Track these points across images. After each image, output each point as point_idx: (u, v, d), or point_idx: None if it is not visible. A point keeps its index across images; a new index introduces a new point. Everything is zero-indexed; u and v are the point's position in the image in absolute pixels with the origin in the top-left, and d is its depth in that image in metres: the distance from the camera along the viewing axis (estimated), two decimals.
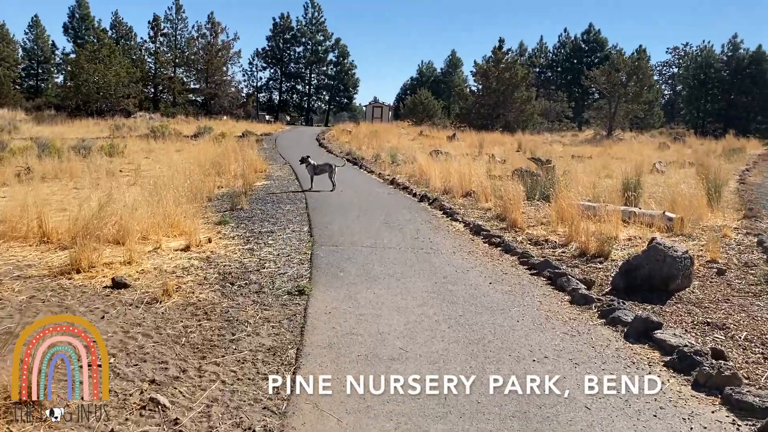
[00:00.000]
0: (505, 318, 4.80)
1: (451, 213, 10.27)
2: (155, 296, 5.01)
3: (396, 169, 18.16)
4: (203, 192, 12.22)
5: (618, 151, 29.50)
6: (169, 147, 24.52)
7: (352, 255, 6.89)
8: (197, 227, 8.09)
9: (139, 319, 4.56)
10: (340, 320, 4.57)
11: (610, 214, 9.34)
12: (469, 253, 7.27)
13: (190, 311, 4.78)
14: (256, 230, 8.51)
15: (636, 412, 3.33)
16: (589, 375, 3.72)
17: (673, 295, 5.81)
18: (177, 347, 4.01)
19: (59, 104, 48.03)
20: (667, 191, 13.24)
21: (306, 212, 10.09)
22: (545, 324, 4.70)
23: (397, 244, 7.65)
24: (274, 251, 7.11)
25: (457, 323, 4.61)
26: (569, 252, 7.80)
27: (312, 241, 7.63)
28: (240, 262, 6.56)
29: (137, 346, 4.05)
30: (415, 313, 4.82)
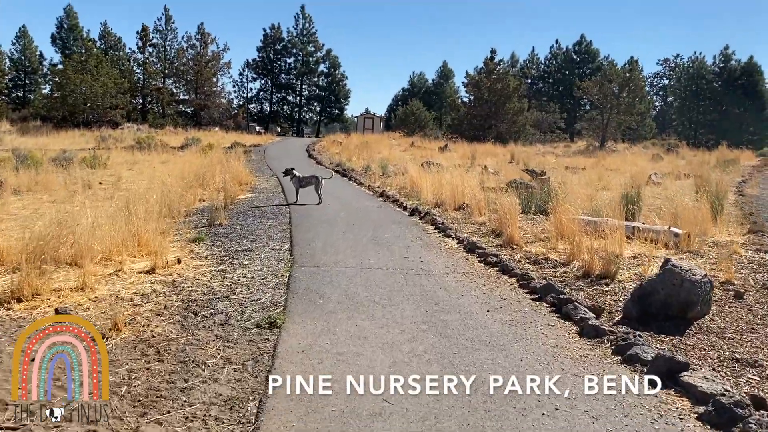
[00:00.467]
0: (507, 356, 4.15)
1: (444, 228, 9.64)
2: (102, 331, 4.33)
3: (386, 180, 17.56)
4: (181, 206, 11.57)
5: (612, 162, 29.08)
6: (155, 158, 23.88)
7: (335, 277, 6.23)
8: (167, 246, 7.43)
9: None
10: (315, 362, 3.91)
11: (613, 229, 8.76)
12: (464, 275, 6.63)
13: (140, 350, 4.09)
14: (232, 248, 7.84)
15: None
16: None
17: (691, 323, 5.19)
18: (114, 400, 3.33)
19: (45, 115, 47.20)
20: (667, 204, 12.72)
21: (288, 228, 9.42)
22: (553, 364, 4.06)
23: (385, 264, 7.00)
24: (249, 273, 6.44)
25: (451, 364, 3.95)
26: (571, 272, 7.18)
27: (291, 261, 6.96)
28: (209, 286, 5.88)
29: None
30: (403, 351, 4.17)
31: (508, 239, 8.79)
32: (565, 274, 7.14)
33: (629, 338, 4.42)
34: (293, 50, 64.68)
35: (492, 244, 8.79)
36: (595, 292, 6.27)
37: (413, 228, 9.87)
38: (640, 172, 21.62)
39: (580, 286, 6.49)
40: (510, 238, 8.79)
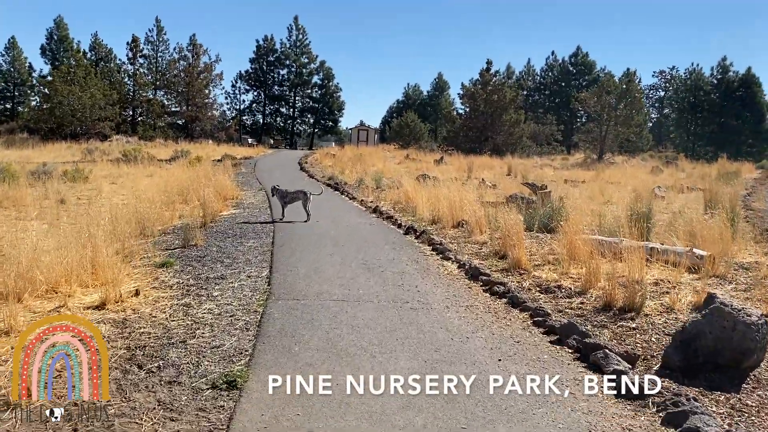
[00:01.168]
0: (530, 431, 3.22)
1: (442, 250, 8.72)
2: (7, 399, 3.37)
3: (380, 195, 16.67)
4: (156, 224, 10.63)
5: (611, 175, 28.31)
6: (141, 171, 22.96)
7: (316, 314, 5.28)
8: (126, 274, 6.48)
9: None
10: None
11: (629, 251, 7.89)
12: (468, 309, 5.70)
13: (52, 428, 3.14)
14: (203, 275, 6.89)
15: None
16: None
17: (747, 374, 4.28)
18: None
19: (33, 127, 46.17)
20: (675, 219, 11.90)
21: (270, 250, 8.48)
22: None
23: (376, 294, 6.06)
24: (217, 308, 5.49)
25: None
26: (589, 303, 6.27)
27: (268, 293, 6.01)
28: (165, 326, 4.92)
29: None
30: (396, 425, 3.22)
31: (514, 262, 7.87)
32: (582, 305, 6.22)
33: (682, 402, 3.49)
34: (286, 62, 63.99)
35: (496, 268, 7.88)
36: (621, 330, 5.35)
37: (409, 249, 8.95)
38: (641, 186, 20.86)
39: (602, 322, 5.57)
40: (516, 261, 7.87)
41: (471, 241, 9.86)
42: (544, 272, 7.62)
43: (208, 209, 11.71)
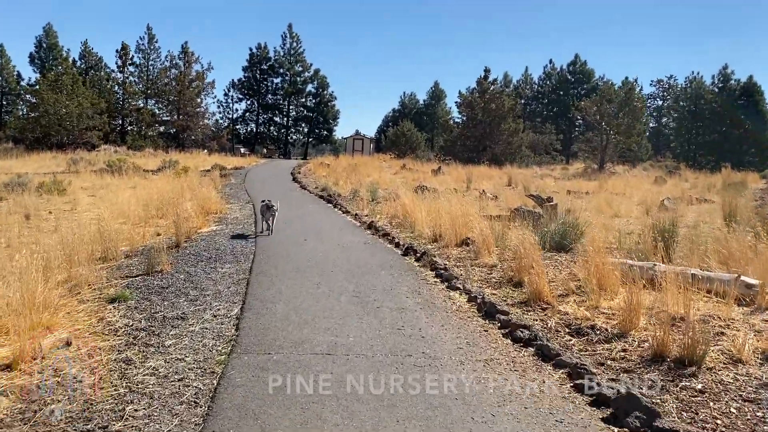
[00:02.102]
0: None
1: (448, 277, 7.50)
2: None
3: (376, 208, 15.47)
4: (123, 244, 9.40)
5: (615, 185, 27.19)
6: (124, 183, 21.77)
7: (292, 379, 4.04)
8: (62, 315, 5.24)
9: None
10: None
11: (665, 278, 6.72)
12: (487, 365, 4.47)
13: None
14: (160, 314, 5.66)
15: None
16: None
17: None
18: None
19: (18, 137, 44.87)
20: (699, 236, 10.76)
21: (247, 278, 7.25)
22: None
23: (370, 344, 4.83)
24: (164, 367, 4.25)
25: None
26: (633, 350, 5.06)
27: (234, 342, 4.78)
28: (88, 401, 3.68)
29: None
30: None
31: (534, 294, 6.65)
32: (626, 354, 5.01)
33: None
34: (280, 70, 62.94)
35: (513, 300, 6.68)
36: (688, 396, 4.13)
37: (408, 276, 7.72)
38: (648, 197, 19.79)
39: (661, 384, 4.35)
40: (537, 292, 6.64)
41: (478, 264, 8.66)
42: (570, 306, 6.41)
43: (183, 227, 10.46)
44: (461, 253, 9.51)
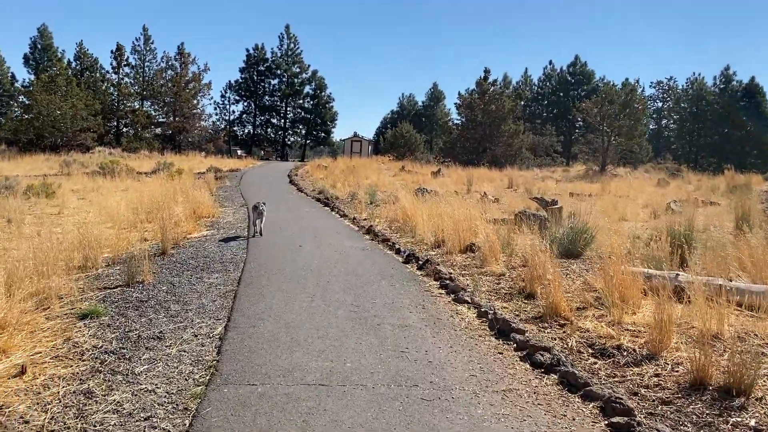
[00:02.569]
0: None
1: (454, 288, 6.89)
2: None
3: (374, 211, 14.88)
4: (106, 251, 8.77)
5: (618, 188, 26.63)
6: (117, 185, 21.16)
7: (277, 418, 3.43)
8: (24, 334, 4.63)
9: None
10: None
11: (691, 288, 6.16)
12: (505, 397, 3.86)
13: None
14: (134, 334, 5.04)
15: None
16: None
17: None
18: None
19: (11, 139, 44.15)
20: (704, 238, 10.25)
21: (235, 290, 6.63)
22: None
23: (370, 371, 4.21)
24: (130, 400, 3.63)
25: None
26: (668, 375, 4.46)
27: (215, 370, 4.16)
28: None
29: None
30: None
31: (550, 308, 6.04)
32: (659, 380, 4.41)
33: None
34: (277, 71, 62.35)
35: (526, 314, 6.09)
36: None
37: (411, 286, 7.11)
38: (653, 200, 19.25)
39: (704, 419, 3.74)
40: (553, 306, 6.04)
41: (485, 272, 8.06)
42: (590, 321, 5.81)
43: (171, 233, 9.84)
44: (466, 260, 8.92)
